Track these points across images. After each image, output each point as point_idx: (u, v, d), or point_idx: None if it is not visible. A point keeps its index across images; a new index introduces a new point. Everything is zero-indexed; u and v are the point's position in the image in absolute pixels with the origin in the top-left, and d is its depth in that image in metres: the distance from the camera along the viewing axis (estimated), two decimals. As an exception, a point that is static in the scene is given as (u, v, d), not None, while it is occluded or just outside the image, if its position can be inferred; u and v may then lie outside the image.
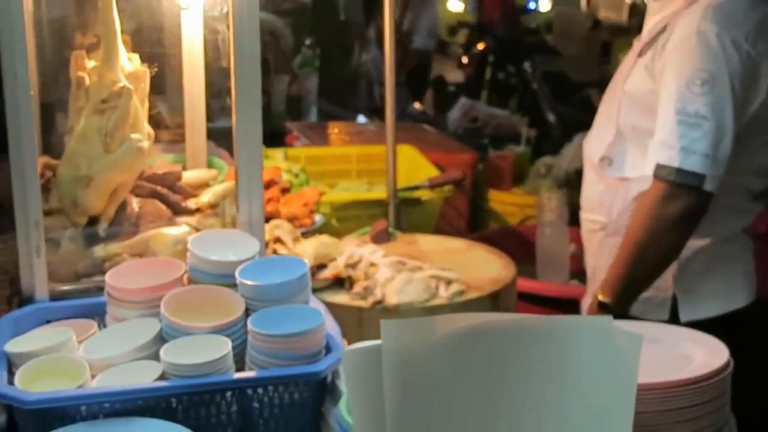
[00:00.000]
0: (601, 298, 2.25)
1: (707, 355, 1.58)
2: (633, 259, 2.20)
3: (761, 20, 2.22)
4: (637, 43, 2.39)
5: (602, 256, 2.40)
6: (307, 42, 6.86)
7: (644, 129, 2.28)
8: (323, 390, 1.65)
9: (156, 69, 2.07)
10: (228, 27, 1.89)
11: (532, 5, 9.55)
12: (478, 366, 1.18)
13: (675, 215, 2.15)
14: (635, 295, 2.25)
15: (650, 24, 2.36)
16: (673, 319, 2.24)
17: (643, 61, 2.29)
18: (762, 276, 2.43)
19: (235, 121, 1.91)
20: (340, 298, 2.29)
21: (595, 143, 2.45)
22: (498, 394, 1.18)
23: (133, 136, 2.08)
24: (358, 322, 2.25)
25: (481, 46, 7.37)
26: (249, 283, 1.71)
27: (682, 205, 2.14)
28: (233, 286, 1.74)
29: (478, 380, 1.18)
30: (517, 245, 3.51)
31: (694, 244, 2.25)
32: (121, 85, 2.00)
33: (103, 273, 1.84)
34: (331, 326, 1.73)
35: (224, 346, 1.60)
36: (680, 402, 1.46)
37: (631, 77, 2.32)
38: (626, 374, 1.14)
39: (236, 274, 1.73)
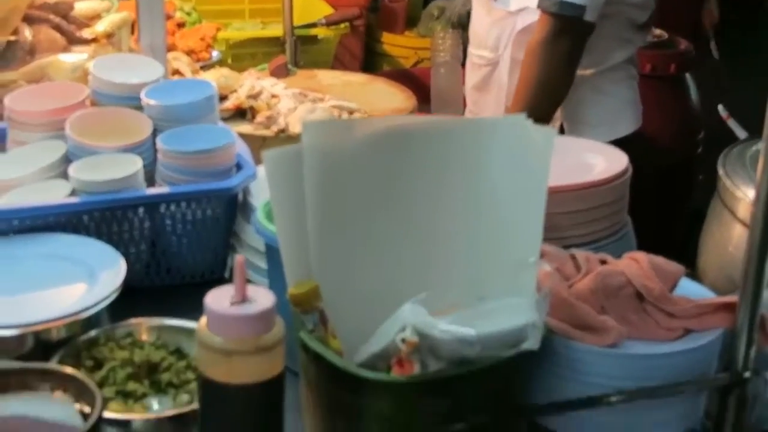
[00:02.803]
0: None
1: (607, 162, 1.63)
2: (530, 97, 2.22)
3: None
4: None
5: (489, 92, 2.45)
6: None
7: None
8: (235, 207, 1.66)
9: None
10: None
11: None
12: (398, 164, 1.21)
13: (564, 51, 2.20)
14: None
15: None
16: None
17: None
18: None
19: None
20: (243, 128, 2.26)
21: None
22: (417, 191, 1.21)
23: (22, -42, 2.00)
24: (260, 151, 2.24)
25: None
26: (156, 103, 1.69)
27: (571, 40, 2.19)
28: (138, 108, 1.72)
29: (398, 178, 1.21)
30: (412, 86, 3.51)
31: (579, 73, 2.29)
32: None
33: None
34: (241, 146, 1.73)
35: (135, 164, 1.59)
36: (583, 204, 1.52)
37: None
38: (540, 164, 1.18)
39: (142, 95, 1.71)
